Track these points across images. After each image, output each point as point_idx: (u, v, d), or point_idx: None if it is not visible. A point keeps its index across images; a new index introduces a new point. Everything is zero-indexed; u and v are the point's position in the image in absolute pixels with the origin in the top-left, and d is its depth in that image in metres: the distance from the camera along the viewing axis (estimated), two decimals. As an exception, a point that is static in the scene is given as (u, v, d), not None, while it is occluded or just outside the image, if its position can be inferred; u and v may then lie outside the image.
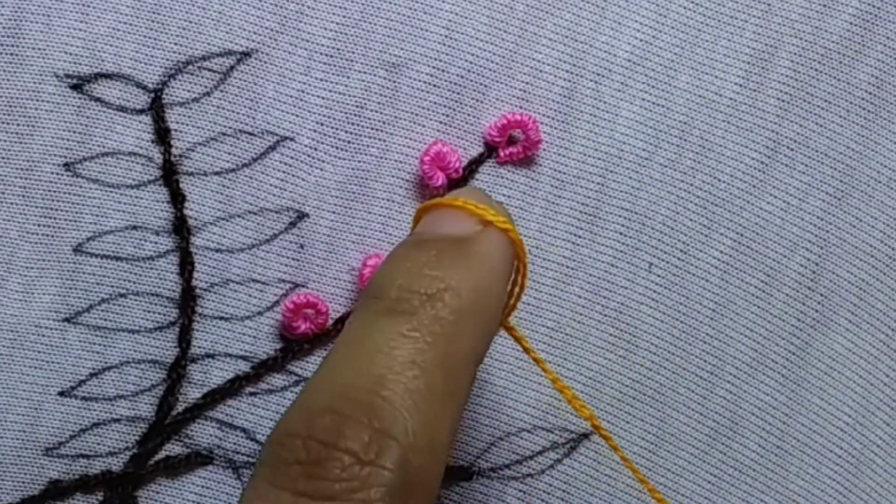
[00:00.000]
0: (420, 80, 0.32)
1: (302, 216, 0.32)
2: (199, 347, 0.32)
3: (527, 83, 0.32)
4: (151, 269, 0.32)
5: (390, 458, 0.21)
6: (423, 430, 0.22)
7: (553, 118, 0.32)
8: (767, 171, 0.32)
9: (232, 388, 0.32)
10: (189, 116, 0.32)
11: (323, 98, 0.32)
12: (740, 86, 0.32)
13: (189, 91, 0.31)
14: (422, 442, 0.22)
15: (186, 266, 0.32)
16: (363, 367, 0.23)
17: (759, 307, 0.32)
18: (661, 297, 0.32)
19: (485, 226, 0.25)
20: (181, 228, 0.32)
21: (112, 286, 0.32)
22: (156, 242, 0.32)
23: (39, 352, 0.32)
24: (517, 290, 0.27)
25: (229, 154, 0.32)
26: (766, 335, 0.32)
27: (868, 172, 0.32)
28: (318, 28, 0.31)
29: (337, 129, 0.32)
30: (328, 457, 0.21)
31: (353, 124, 0.32)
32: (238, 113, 0.32)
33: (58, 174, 0.32)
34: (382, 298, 0.24)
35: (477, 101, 0.32)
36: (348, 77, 0.32)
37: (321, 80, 0.32)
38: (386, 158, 0.32)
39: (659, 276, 0.32)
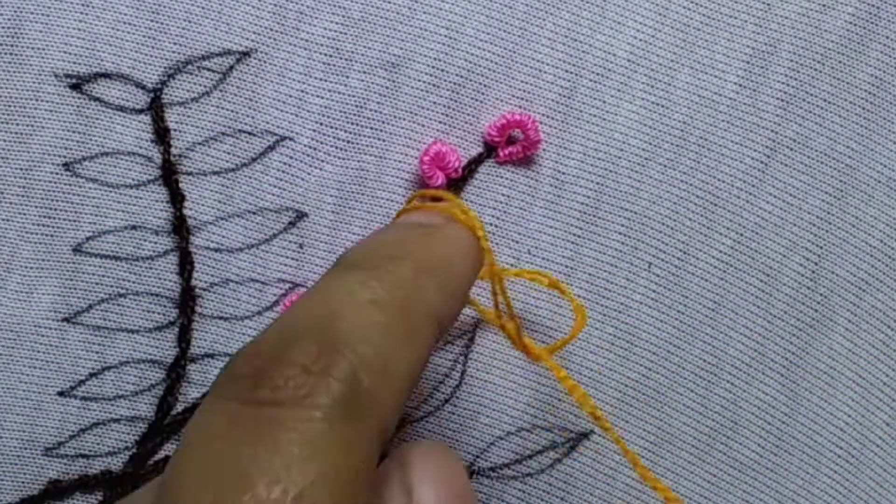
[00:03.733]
0: (420, 80, 0.32)
1: (301, 216, 0.32)
2: (199, 347, 0.32)
3: (526, 83, 0.32)
4: (151, 268, 0.32)
5: (338, 370, 0.20)
6: (377, 355, 0.21)
7: (553, 118, 0.32)
8: (767, 170, 0.32)
9: (231, 388, 0.32)
10: (188, 116, 0.32)
11: (323, 98, 0.32)
12: (740, 85, 0.32)
13: (188, 91, 0.31)
14: (375, 364, 0.21)
15: (186, 266, 0.32)
16: (317, 303, 0.22)
17: (758, 307, 0.32)
18: (660, 296, 0.32)
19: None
20: (181, 228, 0.32)
21: (111, 286, 0.32)
22: (155, 242, 0.32)
23: (39, 352, 0.32)
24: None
25: (229, 154, 0.32)
26: (765, 335, 0.32)
27: (867, 172, 0.32)
28: (318, 28, 0.31)
29: (337, 128, 0.32)
30: (276, 366, 0.20)
31: (352, 124, 0.32)
32: (237, 112, 0.32)
33: (57, 174, 0.32)
34: (344, 263, 0.24)
35: (476, 100, 0.32)
36: (348, 77, 0.32)
37: (321, 79, 0.32)
38: (386, 158, 0.32)
39: (658, 275, 0.32)
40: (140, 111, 0.32)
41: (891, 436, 0.33)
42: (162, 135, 0.32)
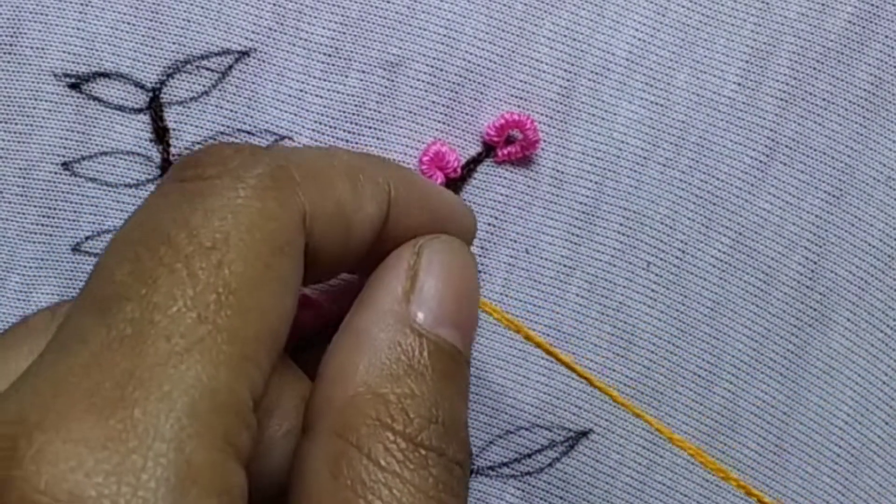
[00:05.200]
0: (419, 80, 0.32)
1: (301, 215, 0.32)
2: (199, 346, 0.32)
3: (525, 82, 0.32)
4: (150, 268, 0.32)
5: (269, 155, 0.22)
6: (312, 163, 0.23)
7: (551, 117, 0.32)
8: (766, 169, 0.32)
9: (231, 387, 0.32)
10: (188, 116, 0.32)
11: (321, 97, 0.32)
12: (739, 85, 0.32)
13: (187, 90, 0.32)
14: (307, 164, 0.22)
15: (185, 265, 0.32)
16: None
17: (757, 306, 0.32)
18: (659, 295, 0.32)
19: None
20: (180, 227, 0.32)
21: (111, 285, 0.32)
22: (155, 241, 0.32)
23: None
24: None
25: (228, 153, 0.32)
26: (764, 334, 0.32)
27: (866, 171, 0.32)
28: (317, 27, 0.31)
29: (336, 128, 0.32)
30: (208, 150, 0.22)
31: (351, 123, 0.32)
32: (236, 112, 0.32)
33: (57, 174, 0.32)
34: None
35: (475, 100, 0.32)
36: (347, 76, 0.32)
37: (320, 79, 0.32)
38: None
39: (657, 274, 0.32)
40: (139, 111, 0.32)
41: (890, 435, 0.33)
42: (161, 134, 0.32)
